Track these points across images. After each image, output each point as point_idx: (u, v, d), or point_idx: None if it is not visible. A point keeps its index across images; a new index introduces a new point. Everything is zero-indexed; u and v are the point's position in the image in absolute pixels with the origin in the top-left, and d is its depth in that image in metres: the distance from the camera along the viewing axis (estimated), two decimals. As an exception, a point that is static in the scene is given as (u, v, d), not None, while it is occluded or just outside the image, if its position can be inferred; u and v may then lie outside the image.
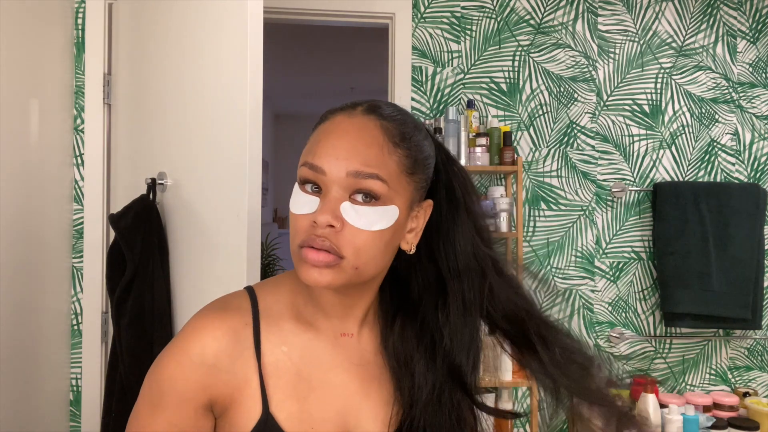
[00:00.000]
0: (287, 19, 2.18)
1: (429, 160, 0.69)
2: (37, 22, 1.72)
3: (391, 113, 0.67)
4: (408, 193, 0.65)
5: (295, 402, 0.67)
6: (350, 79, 5.07)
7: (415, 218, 0.69)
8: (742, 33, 2.31)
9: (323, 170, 0.62)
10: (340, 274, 0.62)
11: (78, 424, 1.95)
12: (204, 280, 1.47)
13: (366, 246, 0.62)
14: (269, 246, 5.38)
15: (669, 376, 2.25)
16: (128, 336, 1.53)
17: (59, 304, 1.88)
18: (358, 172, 0.61)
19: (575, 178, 2.23)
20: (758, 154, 2.31)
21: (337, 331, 0.71)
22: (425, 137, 0.69)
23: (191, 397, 0.64)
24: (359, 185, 0.61)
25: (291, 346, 0.69)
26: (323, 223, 0.60)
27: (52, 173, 1.82)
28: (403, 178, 0.64)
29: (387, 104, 0.68)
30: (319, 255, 0.61)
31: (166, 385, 0.64)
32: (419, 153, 0.66)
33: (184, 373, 0.64)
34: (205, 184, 1.47)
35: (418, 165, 0.66)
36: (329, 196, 0.61)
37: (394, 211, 0.63)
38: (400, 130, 0.65)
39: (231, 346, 0.66)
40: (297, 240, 0.63)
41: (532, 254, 2.20)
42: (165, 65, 1.62)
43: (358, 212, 0.62)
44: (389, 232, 0.64)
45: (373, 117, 0.65)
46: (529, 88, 2.22)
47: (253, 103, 1.32)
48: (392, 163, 0.63)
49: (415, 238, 0.69)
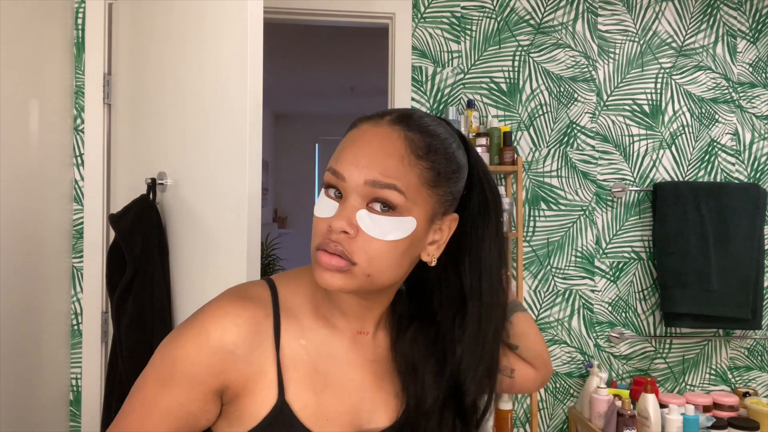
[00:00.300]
0: (287, 19, 2.18)
1: (458, 173, 0.68)
2: (37, 22, 1.72)
3: (422, 124, 0.66)
4: (429, 206, 0.65)
5: (312, 394, 0.68)
6: (350, 79, 5.06)
7: (439, 231, 0.68)
8: (742, 33, 2.31)
9: (343, 177, 0.63)
10: (352, 280, 0.63)
11: (78, 424, 1.95)
12: (204, 280, 1.47)
13: (379, 255, 0.63)
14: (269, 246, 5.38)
15: (668, 376, 2.25)
16: (128, 336, 1.53)
17: (59, 304, 1.88)
18: (376, 181, 0.62)
19: (575, 178, 2.23)
20: (758, 154, 2.31)
21: (353, 329, 0.72)
22: (458, 148, 0.68)
23: (203, 380, 0.64)
24: (376, 194, 0.62)
25: (309, 341, 0.70)
26: (337, 229, 0.62)
27: (52, 173, 1.82)
28: (424, 191, 0.64)
29: (421, 115, 0.68)
30: (332, 259, 0.62)
31: (180, 365, 0.64)
32: (446, 166, 0.66)
33: (201, 356, 0.64)
34: (205, 184, 1.47)
35: (442, 178, 0.65)
36: (347, 202, 0.63)
37: (411, 222, 0.63)
38: (427, 142, 0.65)
39: (251, 336, 0.66)
40: (315, 242, 0.65)
41: (532, 254, 2.20)
42: (165, 65, 1.62)
43: (374, 221, 0.62)
44: (405, 243, 0.64)
45: (399, 127, 0.65)
46: (529, 88, 2.22)
47: (253, 103, 1.32)
48: (413, 175, 0.63)
49: (437, 251, 0.69)
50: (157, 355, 0.66)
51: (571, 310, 2.22)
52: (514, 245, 2.16)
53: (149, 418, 0.63)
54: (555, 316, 2.21)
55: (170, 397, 0.64)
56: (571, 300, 2.22)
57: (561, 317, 2.22)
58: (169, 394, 0.64)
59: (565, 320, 2.22)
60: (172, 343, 0.65)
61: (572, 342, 2.22)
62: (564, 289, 2.22)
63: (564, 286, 2.22)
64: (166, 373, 0.64)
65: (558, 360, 2.21)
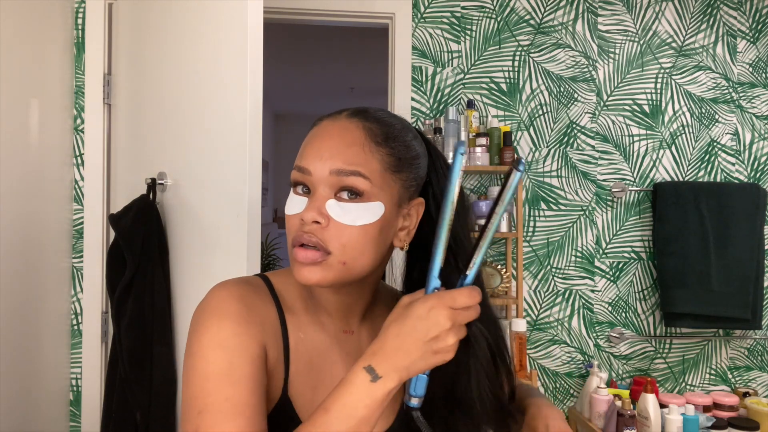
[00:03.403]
0: (287, 19, 2.18)
1: (418, 160, 0.70)
2: (37, 22, 1.72)
3: (378, 116, 0.69)
4: (394, 191, 0.67)
5: (309, 389, 0.69)
6: (350, 79, 5.06)
7: (407, 216, 0.70)
8: (742, 33, 2.31)
9: (309, 171, 0.65)
10: (329, 271, 0.64)
11: (78, 424, 1.95)
12: (204, 280, 1.47)
13: (352, 241, 0.64)
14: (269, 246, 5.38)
15: (668, 376, 2.25)
16: (128, 336, 1.53)
17: (59, 304, 1.88)
18: (341, 170, 0.63)
19: (575, 178, 2.23)
20: (758, 154, 2.31)
21: (339, 328, 0.74)
22: (414, 138, 0.71)
23: (259, 353, 0.64)
24: (343, 183, 0.64)
25: (306, 335, 0.71)
26: (309, 220, 0.63)
27: (52, 173, 1.82)
28: (388, 176, 0.66)
29: (377, 109, 0.70)
30: (308, 253, 0.64)
31: (231, 343, 0.62)
32: (405, 152, 0.68)
33: (243, 328, 0.63)
34: (205, 184, 1.47)
35: (403, 163, 0.67)
36: (316, 194, 0.65)
37: (379, 207, 0.65)
38: (385, 130, 0.67)
39: (264, 314, 0.68)
40: (290, 239, 0.66)
41: (532, 254, 2.20)
42: (165, 65, 1.62)
43: (343, 208, 0.64)
44: (375, 227, 0.65)
45: (357, 119, 0.67)
46: (529, 88, 2.22)
47: (253, 103, 1.32)
48: (375, 161, 0.65)
49: (408, 236, 0.70)
50: (194, 360, 0.63)
51: (571, 310, 2.22)
52: (514, 245, 2.16)
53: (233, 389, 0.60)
54: (555, 316, 2.21)
55: (242, 385, 0.61)
56: (571, 300, 2.22)
57: (561, 317, 2.22)
58: (240, 383, 0.61)
59: (565, 320, 2.22)
60: (209, 334, 0.63)
61: (572, 342, 2.22)
62: (564, 289, 2.22)
63: (564, 286, 2.22)
64: (224, 364, 0.61)
65: (558, 360, 2.21)
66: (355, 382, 0.56)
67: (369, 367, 0.56)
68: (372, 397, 0.56)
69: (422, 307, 0.56)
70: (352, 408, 0.55)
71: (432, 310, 0.56)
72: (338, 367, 0.72)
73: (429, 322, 0.55)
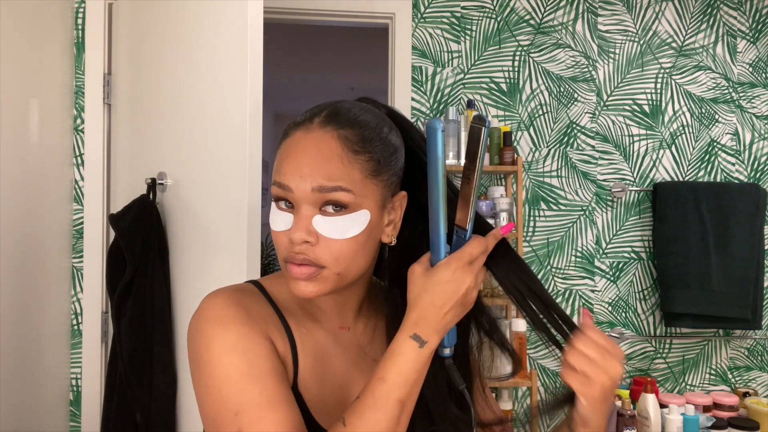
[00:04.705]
0: (287, 19, 2.18)
1: (396, 154, 0.70)
2: (37, 22, 1.72)
3: (351, 117, 0.67)
4: (377, 195, 0.67)
5: (316, 384, 0.70)
6: (350, 79, 5.06)
7: (392, 210, 0.70)
8: (742, 33, 2.31)
9: (290, 188, 0.65)
10: (325, 283, 0.65)
11: (78, 424, 1.95)
12: (204, 280, 1.47)
13: (343, 253, 0.65)
14: (269, 246, 5.38)
15: (668, 376, 2.25)
16: (128, 336, 1.53)
17: (59, 304, 1.88)
18: (322, 186, 0.63)
19: (575, 178, 2.23)
20: (758, 154, 2.31)
21: (335, 325, 0.75)
22: (390, 130, 0.70)
23: (272, 349, 0.66)
24: (326, 198, 0.64)
25: (307, 330, 0.72)
26: (299, 240, 0.64)
27: (52, 173, 1.82)
28: (369, 182, 0.66)
29: (348, 107, 0.69)
30: (302, 269, 0.64)
31: (242, 345, 0.63)
32: (383, 152, 0.67)
33: (248, 329, 0.65)
34: (205, 184, 1.47)
35: (382, 165, 0.67)
36: (300, 212, 0.64)
37: (365, 215, 0.65)
38: (360, 134, 0.66)
39: (263, 314, 0.69)
40: (280, 255, 0.67)
41: (532, 254, 2.20)
42: (165, 65, 1.62)
43: (330, 223, 0.64)
44: (364, 234, 0.66)
45: (330, 128, 0.66)
46: (529, 88, 2.22)
47: (253, 103, 1.32)
48: (355, 171, 0.65)
49: (395, 230, 0.71)
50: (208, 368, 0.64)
51: (571, 310, 2.22)
52: (514, 245, 2.16)
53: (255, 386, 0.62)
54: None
55: (262, 385, 0.62)
56: (571, 300, 2.22)
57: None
58: (260, 382, 0.62)
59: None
60: (219, 339, 0.64)
61: (572, 342, 2.21)
62: (564, 289, 2.22)
63: (564, 286, 2.22)
64: (241, 365, 0.63)
65: (558, 360, 2.21)
66: (405, 351, 0.61)
67: (415, 335, 0.61)
68: (421, 360, 0.62)
69: (446, 272, 0.62)
70: (407, 374, 0.61)
71: (456, 272, 0.62)
72: (338, 361, 0.73)
73: (457, 282, 0.62)
